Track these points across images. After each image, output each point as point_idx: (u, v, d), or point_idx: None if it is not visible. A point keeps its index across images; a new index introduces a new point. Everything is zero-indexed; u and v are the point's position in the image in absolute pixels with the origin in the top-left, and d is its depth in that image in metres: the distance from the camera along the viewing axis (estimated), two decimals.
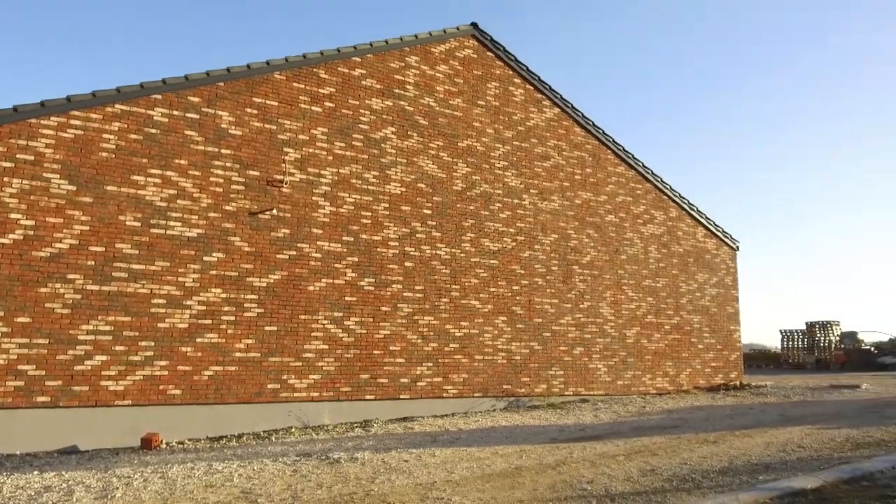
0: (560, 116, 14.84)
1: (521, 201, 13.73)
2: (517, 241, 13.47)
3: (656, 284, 15.88)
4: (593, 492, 5.84)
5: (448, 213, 12.49)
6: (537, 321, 13.41)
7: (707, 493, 5.59)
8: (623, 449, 8.03)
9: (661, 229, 16.38)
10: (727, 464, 7.01)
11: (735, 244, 18.24)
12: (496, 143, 13.55)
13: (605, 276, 14.88)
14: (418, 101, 12.50)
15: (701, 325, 16.64)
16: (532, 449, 8.10)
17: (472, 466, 7.09)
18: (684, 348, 16.07)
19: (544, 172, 14.25)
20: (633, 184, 16.00)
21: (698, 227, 17.32)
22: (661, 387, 15.30)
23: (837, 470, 6.34)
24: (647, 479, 6.35)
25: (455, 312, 12.23)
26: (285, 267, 10.38)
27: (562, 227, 14.29)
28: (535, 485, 6.19)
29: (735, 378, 17.09)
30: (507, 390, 12.64)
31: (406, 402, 11.27)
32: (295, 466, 7.08)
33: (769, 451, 7.73)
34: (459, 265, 12.47)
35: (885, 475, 6.07)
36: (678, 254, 16.60)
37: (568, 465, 7.05)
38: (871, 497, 5.17)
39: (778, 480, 5.95)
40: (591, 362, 14.09)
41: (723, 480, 6.16)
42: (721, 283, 17.53)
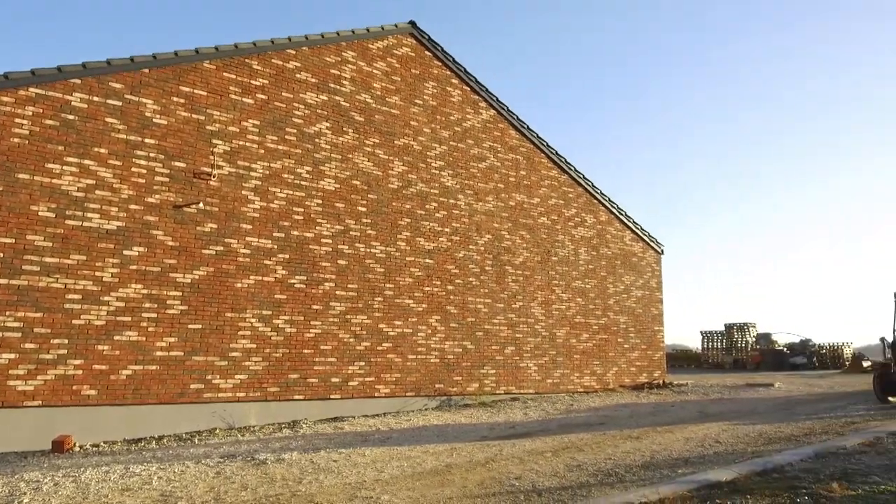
0: (496, 119, 15.00)
1: (457, 201, 13.79)
2: (452, 240, 13.52)
3: (586, 286, 16.30)
4: (521, 487, 5.91)
5: (383, 211, 12.39)
6: (470, 320, 13.50)
7: (630, 486, 5.76)
8: (551, 445, 8.18)
9: (591, 232, 16.82)
10: (649, 458, 7.25)
11: (660, 248, 18.95)
12: (433, 142, 13.55)
13: (537, 277, 15.14)
14: (354, 97, 12.35)
15: (627, 325, 17.19)
16: (463, 447, 8.13)
17: (402, 465, 7.04)
18: (611, 348, 16.56)
19: (480, 174, 14.36)
20: (566, 187, 16.36)
21: (626, 230, 17.90)
22: (589, 385, 15.71)
23: (751, 463, 6.65)
24: (573, 474, 6.48)
25: (389, 311, 12.15)
26: (211, 263, 10.02)
27: (496, 228, 14.45)
28: (464, 482, 6.21)
29: (658, 377, 17.75)
30: (439, 389, 12.65)
31: (337, 401, 11.10)
32: (219, 468, 6.84)
33: (688, 447, 8.04)
34: (394, 264, 12.39)
35: (793, 468, 6.41)
36: (607, 256, 17.10)
37: (497, 462, 7.12)
38: (781, 488, 5.45)
39: (696, 474, 6.19)
40: (522, 361, 14.30)
41: (645, 474, 6.36)
42: (646, 285, 18.17)
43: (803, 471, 6.20)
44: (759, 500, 5.04)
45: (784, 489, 5.37)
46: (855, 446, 7.58)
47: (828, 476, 5.86)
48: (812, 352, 30.97)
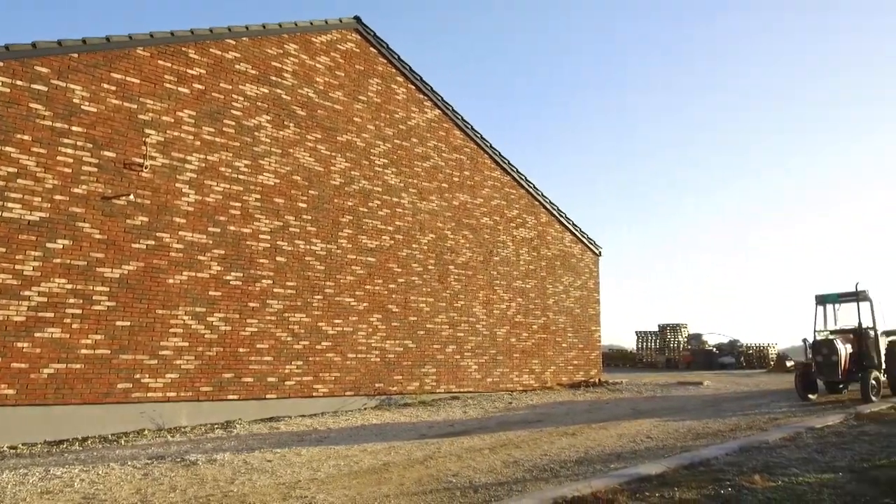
0: (441, 118, 15.03)
1: (401, 200, 13.73)
2: (395, 239, 13.46)
3: (526, 286, 16.53)
4: (458, 484, 5.93)
5: (325, 207, 12.22)
6: (412, 319, 13.47)
7: (563, 481, 5.86)
8: (489, 443, 8.24)
9: (532, 233, 17.07)
10: (583, 454, 7.40)
11: (598, 250, 19.41)
12: (377, 139, 13.46)
13: (479, 277, 15.26)
14: (296, 91, 12.12)
15: (565, 325, 17.54)
16: (401, 445, 8.09)
17: (339, 464, 6.95)
18: (550, 347, 16.85)
19: (424, 172, 14.36)
20: (508, 189, 16.56)
21: (566, 232, 18.25)
22: (528, 384, 15.93)
23: (679, 457, 6.89)
24: (510, 470, 6.55)
25: (329, 310, 11.98)
26: (142, 258, 9.64)
27: (439, 228, 14.47)
28: (401, 479, 6.18)
29: (595, 375, 18.18)
30: (379, 389, 12.57)
31: (273, 401, 10.86)
32: (146, 470, 6.57)
33: (621, 442, 8.26)
34: (335, 262, 12.23)
35: (719, 461, 6.67)
36: (547, 257, 17.39)
37: (435, 460, 7.12)
38: (707, 480, 5.66)
39: (627, 468, 6.36)
40: (462, 360, 14.38)
41: (579, 469, 6.49)
42: (584, 285, 18.58)
43: (728, 464, 6.46)
44: (685, 492, 5.21)
45: (709, 481, 5.58)
46: (776, 441, 7.95)
47: (750, 469, 6.12)
48: (739, 352, 32.31)
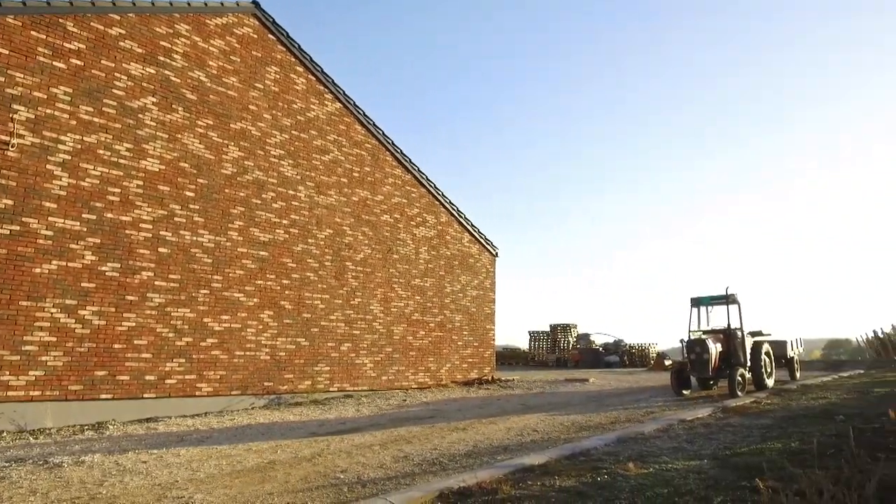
0: (342, 112, 14.79)
1: (297, 193, 13.37)
2: (290, 233, 13.08)
3: (424, 284, 16.61)
4: (346, 480, 5.82)
5: (214, 197, 11.66)
6: (306, 316, 13.14)
7: (451, 473, 5.90)
8: (380, 439, 8.18)
9: (431, 232, 17.18)
10: (472, 448, 7.50)
11: (495, 250, 19.85)
12: (273, 129, 13.02)
13: (378, 274, 15.14)
14: (187, 74, 11.50)
15: (461, 323, 17.78)
16: (289, 444, 7.85)
17: (220, 464, 6.64)
18: (445, 345, 17.02)
19: (322, 166, 14.06)
20: (409, 187, 16.56)
21: (465, 232, 18.52)
22: (423, 381, 16.00)
23: (561, 448, 7.14)
24: (399, 464, 6.52)
25: (216, 305, 11.44)
26: (4, 244, 8.76)
27: (337, 223, 14.22)
28: (287, 477, 5.98)
29: (488, 373, 18.57)
30: (268, 388, 12.15)
31: (151, 401, 10.21)
32: (2, 473, 5.97)
33: (509, 436, 8.45)
34: (224, 254, 11.70)
35: (598, 451, 6.98)
36: (446, 256, 17.56)
37: (324, 457, 6.96)
38: (585, 469, 5.90)
39: (513, 459, 6.51)
40: (358, 358, 14.20)
41: (467, 462, 6.57)
42: (481, 285, 18.93)
43: (606, 454, 6.76)
44: (565, 480, 5.40)
45: (588, 470, 5.82)
46: (651, 432, 8.42)
47: (626, 457, 6.44)
48: (624, 351, 34.19)
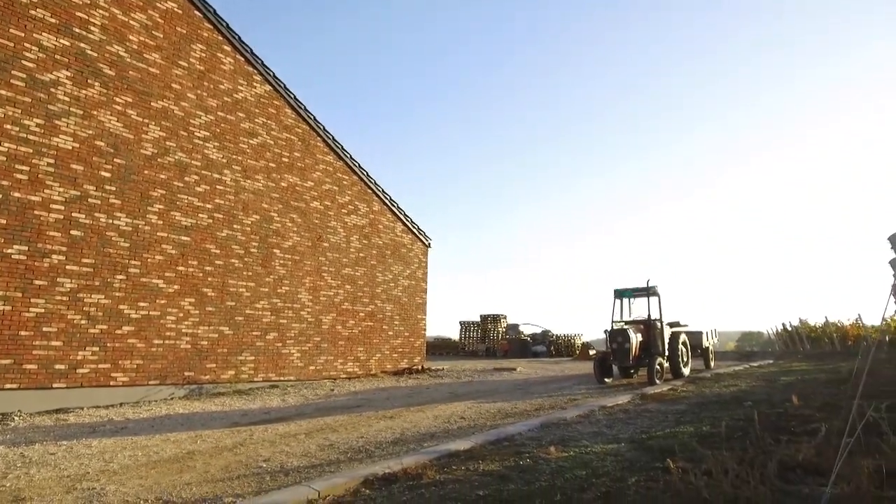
0: (271, 95, 14.37)
1: (222, 176, 12.91)
2: (214, 218, 12.63)
3: (355, 273, 16.43)
4: (268, 468, 5.70)
5: (133, 179, 11.11)
6: (230, 304, 12.75)
7: (377, 460, 5.88)
8: (305, 428, 8.05)
9: (363, 221, 17.00)
10: (399, 435, 7.50)
11: (428, 241, 19.87)
12: (198, 110, 12.51)
13: (307, 262, 14.86)
14: (105, 48, 10.87)
15: (392, 313, 17.73)
16: (209, 434, 7.61)
17: (136, 454, 6.36)
18: (376, 335, 16.93)
19: (250, 150, 13.64)
20: (341, 174, 16.31)
21: (398, 222, 18.44)
22: (352, 371, 15.87)
23: (487, 434, 7.24)
24: (325, 452, 6.44)
25: (133, 291, 10.92)
26: None
27: (265, 209, 13.84)
28: (207, 467, 5.80)
29: (418, 362, 18.61)
30: (189, 377, 11.73)
31: (61, 391, 9.66)
32: None
33: (436, 423, 8.50)
34: (142, 239, 11.18)
35: (522, 436, 7.12)
36: (378, 245, 17.43)
37: (246, 447, 6.79)
38: (509, 453, 6.01)
39: (439, 445, 6.55)
40: (284, 347, 13.91)
41: (393, 449, 6.56)
42: (413, 275, 18.92)
43: (529, 439, 6.91)
44: (489, 464, 5.48)
45: (511, 454, 5.93)
46: (573, 418, 8.67)
47: (548, 442, 6.60)
48: (551, 341, 35.02)
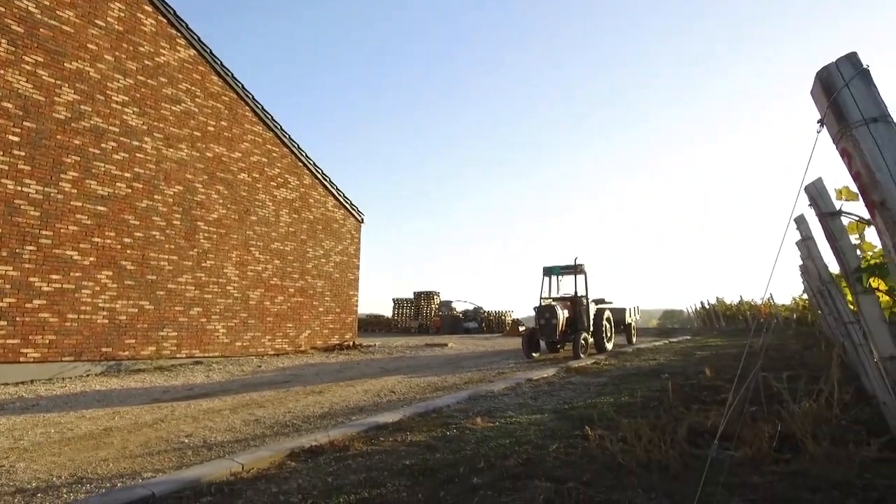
0: (196, 60, 13.75)
1: (143, 144, 12.30)
2: (134, 187, 12.04)
3: (285, 248, 16.10)
4: (191, 444, 5.57)
5: (44, 144, 10.43)
6: (151, 278, 12.25)
7: (304, 434, 5.84)
8: (230, 404, 7.89)
9: (294, 195, 16.63)
10: (328, 409, 7.47)
11: (361, 216, 19.67)
12: (116, 73, 11.83)
13: (233, 236, 14.43)
14: (12, 3, 10.08)
15: (324, 289, 17.51)
16: (128, 410, 7.35)
17: (48, 432, 6.08)
18: (306, 311, 16.70)
19: (173, 117, 13.03)
20: (270, 145, 15.86)
21: (329, 196, 18.14)
22: (281, 348, 15.62)
23: (415, 407, 7.31)
24: (250, 428, 6.34)
25: (44, 263, 10.32)
26: None
27: (188, 180, 13.31)
28: (125, 444, 5.60)
29: (350, 339, 18.52)
30: (107, 353, 11.24)
31: None
32: None
33: (366, 397, 8.51)
34: (55, 208, 10.55)
35: (450, 408, 7.24)
36: (308, 220, 17.12)
37: (167, 423, 6.59)
38: (437, 424, 6.10)
39: (367, 418, 6.57)
40: (209, 323, 13.53)
41: (321, 423, 6.53)
42: (345, 251, 18.72)
43: (457, 410, 7.03)
44: (416, 435, 5.55)
45: (439, 425, 6.02)
46: (500, 390, 8.87)
47: (475, 413, 6.73)
48: (482, 318, 35.61)
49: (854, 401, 5.59)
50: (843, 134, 1.13)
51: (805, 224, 5.00)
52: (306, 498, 3.64)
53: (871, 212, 1.11)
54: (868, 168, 1.09)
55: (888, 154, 1.08)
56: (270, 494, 3.81)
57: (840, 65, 1.14)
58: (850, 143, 1.12)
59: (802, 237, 5.14)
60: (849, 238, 2.90)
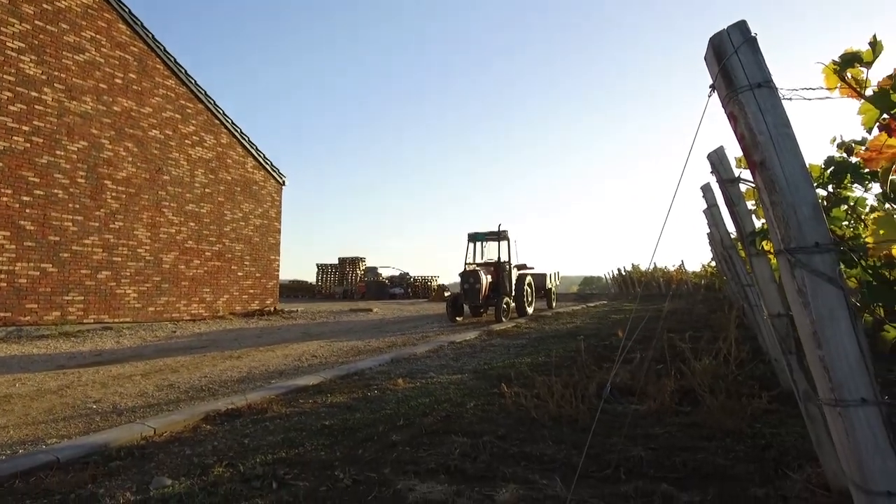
0: (101, 6, 12.78)
1: (42, 96, 11.41)
2: (33, 142, 11.19)
3: (200, 210, 15.49)
4: (99, 409, 5.36)
5: None
6: (53, 239, 11.51)
7: (220, 398, 5.74)
8: (142, 369, 7.62)
9: (210, 154, 15.95)
10: (246, 374, 7.35)
11: (282, 179, 19.14)
12: (10, 16, 10.85)
13: (144, 196, 13.73)
14: None
15: (243, 253, 17.03)
16: (30, 377, 6.97)
17: None
18: (224, 275, 16.21)
19: (76, 67, 12.13)
20: (184, 101, 15.07)
21: (248, 157, 17.51)
22: (197, 313, 15.15)
23: (337, 370, 7.32)
24: (163, 392, 6.16)
25: None
26: None
27: (94, 135, 12.49)
28: (27, 410, 5.33)
29: (271, 304, 18.17)
30: (6, 319, 10.55)
31: None
32: None
33: (286, 361, 8.43)
34: None
35: (372, 371, 7.29)
36: (226, 181, 16.50)
37: (73, 389, 6.31)
38: (358, 386, 6.14)
39: (287, 381, 6.52)
40: (119, 287, 12.91)
41: (239, 387, 6.43)
42: (266, 214, 18.21)
43: (379, 373, 7.09)
44: (337, 396, 5.57)
45: (360, 387, 6.06)
46: (423, 353, 9.00)
47: (397, 375, 6.81)
48: (408, 284, 35.74)
49: (750, 358, 6.05)
50: (730, 98, 1.21)
51: (710, 192, 5.28)
52: (222, 459, 3.60)
53: (752, 172, 1.20)
54: (751, 130, 1.17)
55: (769, 118, 1.17)
56: (184, 457, 3.75)
57: (731, 32, 1.21)
58: (736, 106, 1.20)
59: (708, 205, 5.44)
60: (745, 203, 3.10)
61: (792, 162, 1.15)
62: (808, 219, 1.14)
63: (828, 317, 1.13)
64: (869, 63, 1.20)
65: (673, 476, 3.09)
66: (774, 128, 1.16)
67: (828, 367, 1.14)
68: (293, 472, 3.32)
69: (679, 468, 3.19)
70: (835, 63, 1.23)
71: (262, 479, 3.21)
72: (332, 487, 3.07)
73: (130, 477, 3.42)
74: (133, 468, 3.59)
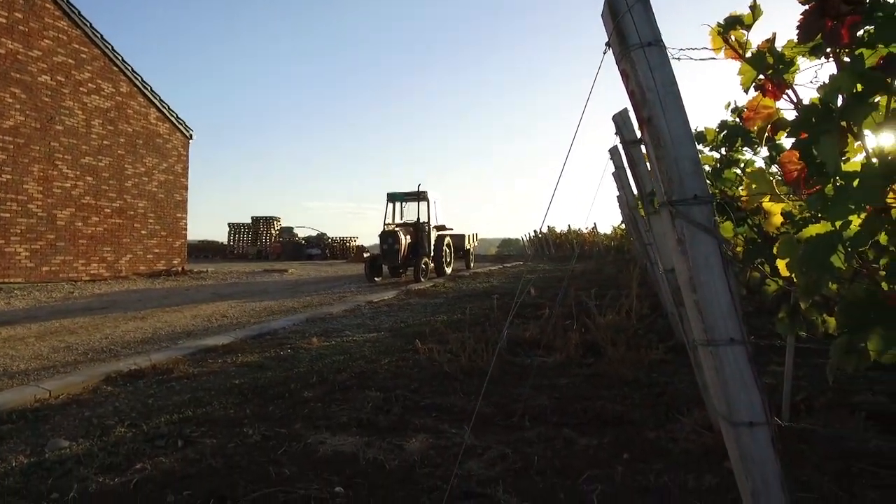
0: None
1: None
2: None
3: (98, 163, 14.50)
4: None
5: None
6: None
7: (122, 359, 5.51)
8: (36, 331, 7.18)
9: (108, 103, 14.88)
10: (151, 335, 7.08)
11: (189, 132, 18.17)
12: None
13: (34, 147, 12.69)
14: None
15: (146, 210, 16.16)
16: None
17: None
18: (126, 233, 15.36)
19: None
20: (78, 45, 13.91)
21: (151, 108, 16.47)
22: (97, 273, 14.33)
23: (249, 330, 7.18)
24: (60, 354, 5.84)
25: None
26: None
27: None
28: None
29: (178, 264, 17.43)
30: None
31: None
32: None
33: (195, 322, 8.17)
34: None
35: (286, 330, 7.20)
36: (126, 133, 15.48)
37: None
38: (271, 346, 6.06)
39: (194, 342, 6.34)
40: (8, 246, 11.99)
41: (143, 348, 6.19)
42: (171, 169, 17.30)
43: (293, 332, 7.02)
44: (248, 356, 5.48)
45: (273, 346, 5.99)
46: (339, 313, 8.96)
47: (312, 334, 6.77)
48: (326, 244, 35.14)
49: (650, 313, 6.44)
50: (623, 55, 1.26)
51: (618, 155, 5.47)
52: (124, 420, 3.49)
53: (641, 127, 1.26)
54: (641, 87, 1.23)
55: (658, 75, 1.23)
56: (83, 418, 3.60)
57: None
58: (628, 64, 1.25)
59: (615, 167, 5.64)
60: (646, 164, 3.25)
61: (676, 119, 1.22)
62: (689, 174, 1.22)
63: (703, 264, 1.22)
64: (749, 26, 1.28)
65: (574, 422, 3.27)
66: (662, 86, 1.22)
67: (702, 310, 1.24)
68: (200, 431, 3.26)
69: (580, 415, 3.39)
70: (719, 25, 1.30)
71: (167, 437, 3.14)
72: (240, 444, 3.05)
73: (24, 440, 3.26)
74: (27, 431, 3.42)
